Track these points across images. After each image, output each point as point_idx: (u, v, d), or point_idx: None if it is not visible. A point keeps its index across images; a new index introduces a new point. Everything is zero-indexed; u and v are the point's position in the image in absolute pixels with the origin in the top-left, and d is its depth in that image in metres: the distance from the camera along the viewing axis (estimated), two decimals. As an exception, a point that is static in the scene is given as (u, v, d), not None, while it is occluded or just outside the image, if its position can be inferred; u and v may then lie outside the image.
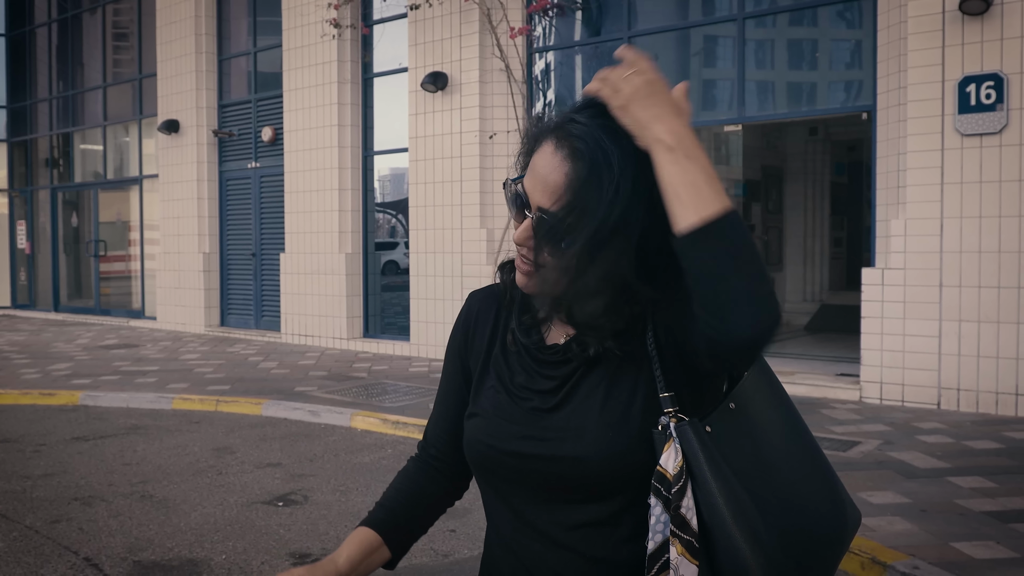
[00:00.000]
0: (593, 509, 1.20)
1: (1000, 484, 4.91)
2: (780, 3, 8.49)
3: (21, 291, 17.64)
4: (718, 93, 9.09)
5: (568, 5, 9.81)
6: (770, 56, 8.69)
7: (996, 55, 6.74)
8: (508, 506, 1.27)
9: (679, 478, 1.12)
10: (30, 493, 5.33)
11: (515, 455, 1.23)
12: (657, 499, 1.13)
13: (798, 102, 8.58)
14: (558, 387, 1.24)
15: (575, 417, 1.20)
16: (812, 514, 1.16)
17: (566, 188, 1.14)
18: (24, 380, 9.07)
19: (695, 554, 1.11)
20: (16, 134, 17.67)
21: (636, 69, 1.10)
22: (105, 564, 4.16)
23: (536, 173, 1.17)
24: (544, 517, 1.23)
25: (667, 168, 1.07)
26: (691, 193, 1.05)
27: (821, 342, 10.82)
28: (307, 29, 11.48)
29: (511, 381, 1.28)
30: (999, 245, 6.77)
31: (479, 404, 1.31)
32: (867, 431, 6.29)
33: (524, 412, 1.24)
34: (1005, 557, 3.83)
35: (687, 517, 1.11)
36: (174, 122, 13.36)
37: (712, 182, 1.06)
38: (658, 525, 1.13)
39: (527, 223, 1.18)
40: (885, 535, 4.13)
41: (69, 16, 16.60)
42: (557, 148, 1.15)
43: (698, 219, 1.04)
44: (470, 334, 1.38)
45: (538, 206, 1.16)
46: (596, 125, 1.14)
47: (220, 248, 13.27)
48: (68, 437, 6.84)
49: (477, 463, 1.30)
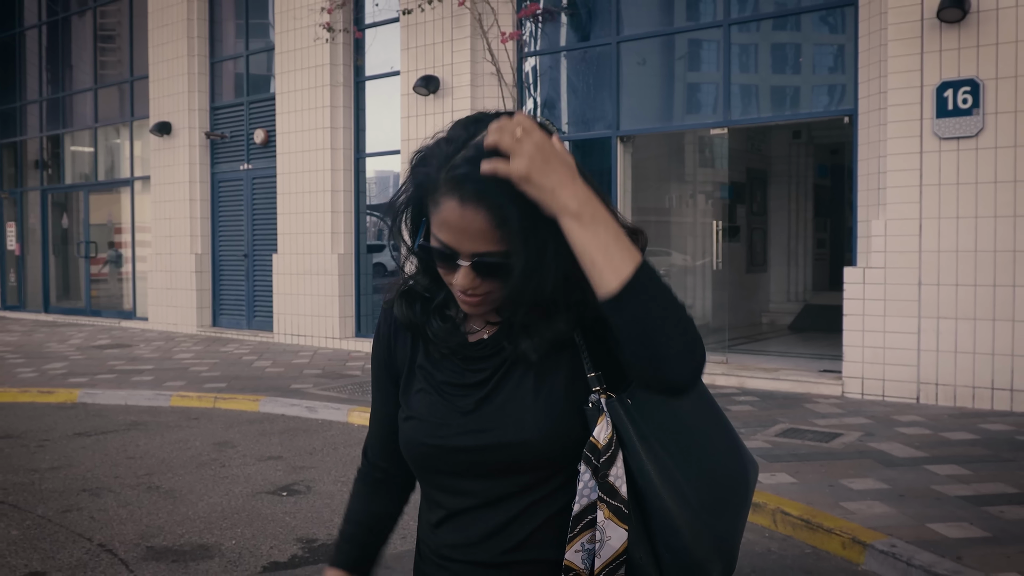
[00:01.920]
0: (536, 490, 1.26)
1: (974, 472, 5.14)
2: (764, 10, 8.73)
3: (11, 292, 17.67)
4: (703, 97, 9.31)
5: (557, 11, 10.02)
6: (755, 61, 8.93)
7: (972, 61, 6.98)
8: (453, 497, 1.31)
9: (608, 447, 1.18)
10: (39, 485, 5.48)
11: (459, 450, 1.27)
12: (587, 467, 1.19)
13: (782, 106, 8.81)
14: (488, 378, 1.28)
15: (511, 404, 1.25)
16: (722, 466, 1.26)
17: (492, 226, 1.16)
18: (21, 379, 9.18)
19: (624, 519, 1.18)
20: (5, 136, 17.72)
21: (526, 133, 1.12)
22: (119, 549, 4.32)
23: (452, 227, 1.18)
24: (488, 502, 1.28)
25: (577, 235, 1.11)
26: (605, 257, 1.10)
27: (805, 340, 11.06)
28: (300, 33, 11.64)
29: (440, 381, 1.32)
30: (975, 244, 7.02)
31: (411, 407, 1.34)
32: (848, 424, 6.52)
33: (459, 408, 1.28)
34: (977, 536, 4.05)
35: (616, 485, 1.18)
36: (166, 124, 13.47)
37: (620, 239, 1.12)
38: (585, 489, 1.19)
39: (465, 270, 1.19)
40: (865, 517, 4.35)
41: (59, 19, 16.67)
42: (463, 202, 1.16)
43: (618, 283, 1.10)
44: (392, 344, 1.40)
45: (471, 252, 1.18)
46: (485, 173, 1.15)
47: (212, 249, 13.39)
48: (70, 433, 6.98)
49: (419, 463, 1.33)
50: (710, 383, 8.37)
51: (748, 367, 8.70)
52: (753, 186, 13.35)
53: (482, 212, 1.16)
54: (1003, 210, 6.88)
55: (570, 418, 1.23)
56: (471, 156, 1.16)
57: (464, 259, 1.19)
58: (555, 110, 10.18)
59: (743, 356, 9.46)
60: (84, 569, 4.07)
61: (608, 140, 9.56)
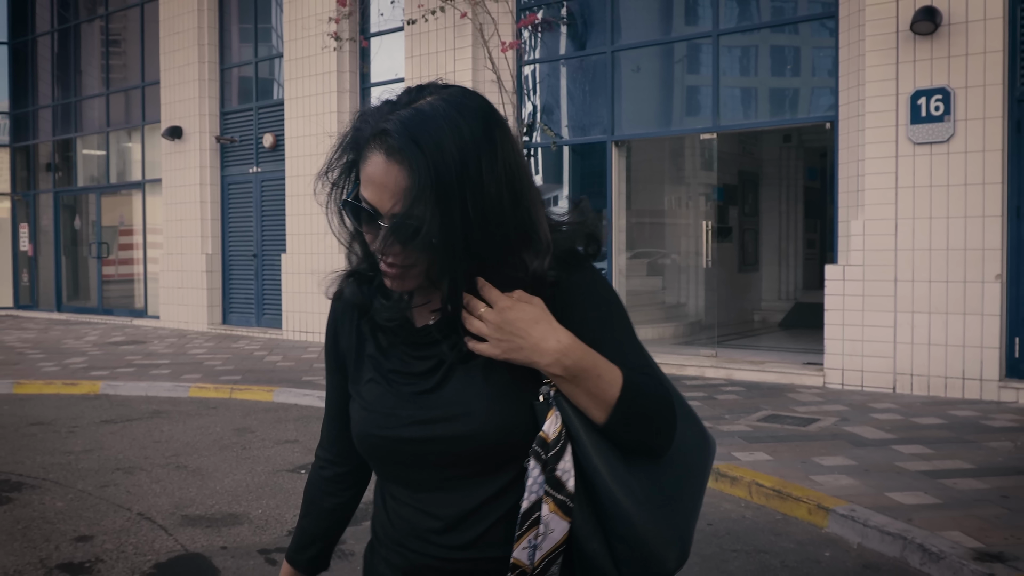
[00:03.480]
0: (487, 483, 1.24)
1: (936, 451, 5.60)
2: (752, 21, 9.20)
3: (23, 292, 18.14)
4: (695, 103, 9.77)
5: (555, 21, 10.49)
6: (743, 70, 9.40)
7: (944, 71, 7.44)
8: (406, 489, 1.30)
9: (557, 442, 1.18)
10: (75, 465, 5.93)
11: (408, 440, 1.25)
12: (536, 462, 1.18)
13: (769, 112, 9.28)
14: (435, 367, 1.26)
15: (460, 395, 1.23)
16: (679, 454, 1.28)
17: (412, 185, 1.13)
18: (44, 372, 9.64)
19: (568, 512, 1.19)
20: (19, 139, 18.20)
21: (489, 314, 1.19)
22: (157, 517, 4.78)
23: (375, 183, 1.16)
24: (439, 494, 1.26)
25: (566, 388, 1.19)
26: (589, 399, 1.19)
27: (793, 336, 11.51)
28: (307, 41, 12.10)
29: (388, 370, 1.30)
30: (947, 243, 7.47)
31: (361, 398, 1.33)
32: (827, 410, 6.97)
33: (407, 397, 1.27)
34: (929, 503, 4.51)
35: (563, 479, 1.18)
36: (178, 128, 13.95)
37: (602, 377, 1.19)
38: (534, 486, 1.19)
39: (384, 233, 1.17)
40: (831, 488, 4.80)
41: (71, 26, 17.14)
42: (388, 156, 1.14)
43: (604, 416, 1.19)
44: (338, 336, 1.41)
45: (391, 213, 1.15)
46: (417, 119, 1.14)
47: (222, 249, 13.86)
48: (97, 420, 7.44)
49: (370, 454, 1.32)
50: (699, 375, 8.83)
51: (736, 360, 9.15)
52: (745, 188, 13.82)
53: (404, 168, 1.13)
54: (972, 211, 7.34)
55: (519, 411, 1.21)
56: (406, 116, 1.15)
57: (385, 220, 1.16)
58: (553, 116, 10.65)
59: (732, 350, 9.91)
60: (127, 533, 4.53)
61: (604, 144, 10.03)
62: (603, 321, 1.26)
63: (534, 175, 9.63)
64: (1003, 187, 7.26)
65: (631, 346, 1.26)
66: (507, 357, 1.18)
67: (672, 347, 10.26)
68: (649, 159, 11.41)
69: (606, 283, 1.30)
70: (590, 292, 1.27)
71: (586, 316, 1.24)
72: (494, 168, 1.16)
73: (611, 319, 1.27)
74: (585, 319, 1.24)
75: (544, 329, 1.18)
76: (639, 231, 11.53)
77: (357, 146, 1.20)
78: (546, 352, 1.17)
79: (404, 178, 1.14)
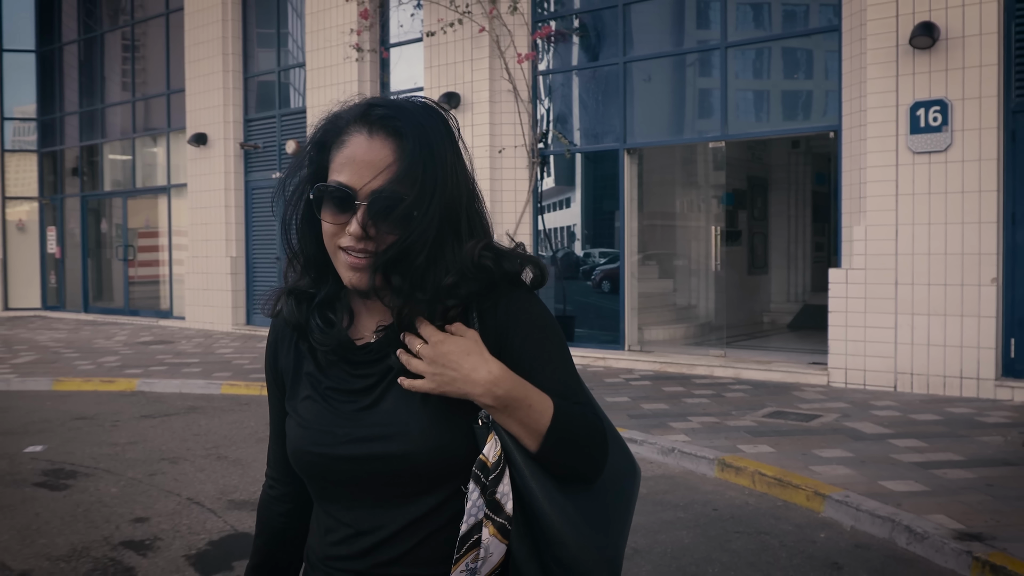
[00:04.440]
0: (420, 502, 1.25)
1: (930, 444, 5.96)
2: (760, 34, 9.57)
3: (51, 293, 18.65)
4: (704, 113, 10.13)
5: (569, 33, 10.89)
6: (750, 81, 9.76)
7: (942, 83, 7.79)
8: (337, 506, 1.31)
9: (497, 465, 1.20)
10: (122, 455, 6.36)
11: (344, 459, 1.26)
12: (476, 485, 1.20)
13: (775, 121, 9.64)
14: (374, 384, 1.28)
15: (396, 414, 1.24)
16: (608, 481, 1.31)
17: (397, 159, 1.19)
18: (81, 370, 10.08)
19: (506, 535, 1.21)
20: (46, 145, 18.71)
21: (424, 349, 1.22)
22: (205, 501, 5.19)
23: (356, 161, 1.20)
24: (373, 513, 1.27)
25: (499, 418, 1.21)
26: (521, 429, 1.21)
27: (801, 337, 11.86)
28: (329, 51, 12.53)
29: (326, 387, 1.31)
30: (945, 248, 7.82)
31: (298, 415, 1.33)
32: (829, 407, 7.33)
33: (344, 415, 1.28)
34: (918, 490, 4.88)
35: (502, 502, 1.20)
36: (203, 135, 14.41)
37: (532, 407, 1.21)
38: (473, 509, 1.20)
39: (361, 212, 1.19)
40: (828, 477, 5.17)
41: (97, 35, 17.63)
42: (372, 132, 1.20)
43: (536, 445, 1.21)
44: (277, 356, 1.42)
45: (370, 191, 1.19)
46: (399, 106, 1.23)
47: (246, 252, 14.31)
48: (137, 415, 7.87)
49: (305, 471, 1.31)
50: (709, 374, 9.20)
51: (744, 360, 9.51)
52: (754, 193, 14.17)
53: (389, 140, 1.19)
54: (969, 217, 7.68)
55: (455, 432, 1.23)
56: (389, 103, 1.23)
57: (361, 199, 1.19)
58: (567, 124, 11.03)
59: (740, 351, 10.27)
60: (179, 515, 4.94)
61: (616, 152, 10.41)
62: (540, 348, 1.28)
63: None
64: (999, 195, 7.60)
65: (566, 374, 1.29)
66: (441, 390, 1.20)
67: (682, 347, 10.63)
68: (660, 165, 11.78)
69: (546, 311, 1.32)
70: (529, 318, 1.29)
71: (524, 342, 1.27)
72: (457, 164, 1.24)
73: (548, 347, 1.29)
74: (523, 345, 1.27)
75: (475, 360, 1.20)
76: (651, 234, 11.89)
77: (329, 137, 1.25)
78: (477, 383, 1.19)
79: (389, 153, 1.19)
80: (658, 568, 4.10)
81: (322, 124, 1.26)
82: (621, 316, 10.35)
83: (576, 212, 11.44)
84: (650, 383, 8.71)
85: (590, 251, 11.37)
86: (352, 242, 1.20)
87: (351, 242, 1.20)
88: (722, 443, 6.09)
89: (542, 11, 11.08)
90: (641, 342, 10.55)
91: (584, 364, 10.06)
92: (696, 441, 6.17)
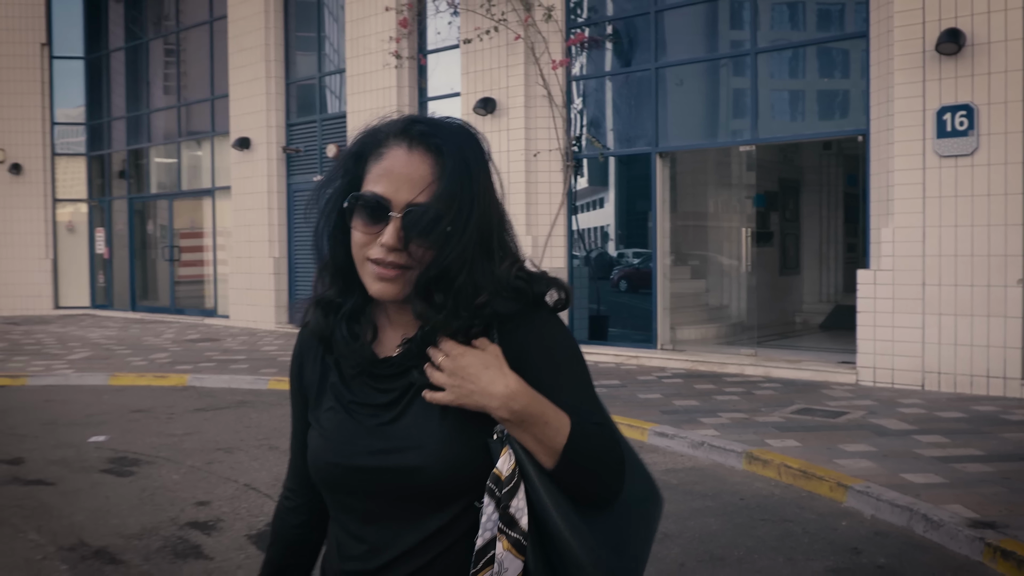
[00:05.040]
0: (438, 516, 1.25)
1: (952, 440, 6.16)
2: (789, 40, 9.78)
3: (99, 292, 19.25)
4: (734, 117, 10.36)
5: (602, 39, 11.16)
6: (780, 85, 9.98)
7: (968, 89, 7.97)
8: (354, 520, 1.31)
9: (511, 479, 1.20)
10: (180, 445, 6.75)
11: (359, 469, 1.27)
12: (490, 499, 1.20)
13: (804, 126, 9.85)
14: (397, 399, 1.29)
15: (416, 428, 1.25)
16: (626, 504, 1.30)
17: (436, 177, 1.21)
18: (134, 366, 10.54)
19: (521, 550, 1.20)
20: (94, 148, 19.32)
21: (446, 361, 1.23)
22: (261, 488, 5.55)
23: (393, 174, 1.22)
24: (388, 528, 1.28)
25: (515, 432, 1.22)
26: (537, 445, 1.21)
27: (832, 337, 12.03)
28: (369, 58, 12.91)
29: (349, 400, 1.32)
30: (972, 249, 7.99)
31: (320, 425, 1.34)
32: (856, 405, 7.54)
33: (366, 428, 1.29)
34: (937, 482, 5.11)
35: (516, 517, 1.20)
36: (246, 139, 14.87)
37: (548, 424, 1.21)
38: (488, 523, 1.20)
39: (394, 224, 1.20)
40: (852, 470, 5.41)
41: (143, 42, 18.18)
42: (411, 148, 1.22)
43: (552, 462, 1.21)
44: (302, 368, 1.42)
45: (406, 203, 1.21)
46: (440, 124, 1.25)
47: (288, 253, 14.75)
48: (191, 408, 8.27)
49: (324, 481, 1.33)
50: (739, 373, 9.43)
51: (774, 359, 9.73)
52: (786, 194, 14.34)
53: (429, 157, 1.22)
54: (995, 219, 7.85)
55: (472, 448, 1.23)
56: (429, 121, 1.26)
57: (396, 211, 1.21)
58: (600, 128, 11.30)
59: (771, 350, 10.48)
60: (239, 500, 5.30)
61: (648, 156, 10.67)
62: (560, 368, 1.29)
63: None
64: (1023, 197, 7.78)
65: (586, 395, 1.30)
66: (460, 403, 1.21)
67: (714, 347, 10.86)
68: (692, 168, 12.01)
69: (567, 331, 1.33)
70: (551, 338, 1.30)
71: (544, 361, 1.28)
72: (491, 187, 1.27)
73: (568, 367, 1.30)
74: (543, 364, 1.28)
75: (493, 374, 1.21)
76: (683, 235, 12.12)
77: (367, 148, 1.26)
78: (494, 396, 1.20)
79: (428, 169, 1.21)
80: (686, 550, 4.38)
81: (360, 136, 1.29)
82: (654, 316, 10.61)
83: (610, 213, 11.71)
84: (682, 381, 8.97)
85: (623, 251, 11.64)
86: (383, 254, 1.22)
87: (381, 253, 1.22)
88: (750, 437, 6.34)
89: (576, 18, 11.37)
90: (673, 341, 10.80)
91: (618, 362, 10.33)
92: (725, 435, 6.43)
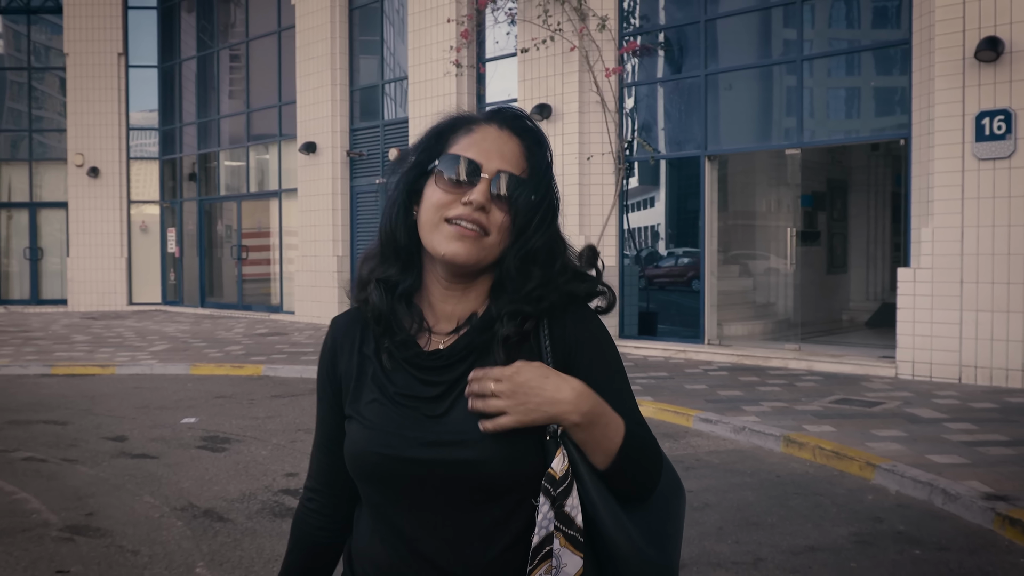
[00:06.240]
0: (487, 510, 1.25)
1: (981, 427, 6.55)
2: (834, 48, 10.17)
3: (170, 289, 20.25)
4: (781, 121, 10.77)
5: (653, 47, 11.64)
6: (825, 91, 10.36)
7: (1006, 94, 8.30)
8: (397, 515, 1.29)
9: (564, 479, 1.21)
10: (264, 426, 7.42)
11: (413, 461, 1.25)
12: (545, 498, 1.21)
13: (849, 130, 10.22)
14: (445, 392, 1.28)
15: (468, 423, 1.24)
16: (661, 499, 1.33)
17: (519, 157, 1.27)
18: (211, 357, 11.30)
19: (579, 547, 1.21)
20: (166, 152, 20.33)
21: (499, 385, 1.21)
22: (341, 462, 6.17)
23: (483, 146, 1.26)
24: (433, 519, 1.26)
25: (578, 436, 1.23)
26: (594, 447, 1.23)
27: (877, 334, 12.34)
28: (430, 66, 13.55)
29: (394, 392, 1.30)
30: (1008, 248, 8.32)
31: (363, 417, 1.30)
32: (893, 396, 7.94)
33: (414, 420, 1.27)
34: (960, 463, 5.53)
35: (572, 515, 1.21)
36: (312, 144, 15.64)
37: (608, 427, 1.24)
38: (544, 521, 1.21)
39: (484, 183, 1.23)
40: (881, 451, 5.85)
41: (213, 51, 19.09)
42: (501, 127, 1.28)
43: (606, 464, 1.24)
44: (336, 359, 1.39)
45: (499, 169, 1.25)
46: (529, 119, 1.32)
47: (351, 252, 15.48)
48: (268, 396, 8.97)
49: (369, 473, 1.29)
50: (783, 366, 9.85)
51: (817, 353, 10.12)
52: (833, 195, 14.65)
53: (516, 139, 1.28)
54: (1031, 220, 8.19)
55: (525, 443, 1.23)
56: (520, 113, 1.33)
57: (487, 173, 1.24)
58: (651, 133, 11.79)
59: (815, 345, 10.87)
60: (322, 472, 5.93)
61: (698, 159, 11.13)
62: (606, 370, 1.32)
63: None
64: (1060, 199, 8.09)
65: (628, 395, 1.33)
66: (528, 420, 1.21)
67: (760, 342, 11.28)
68: (740, 170, 12.43)
69: (609, 334, 1.36)
70: (596, 341, 1.33)
71: (593, 360, 1.31)
72: (554, 185, 1.33)
73: (614, 366, 1.34)
74: (592, 363, 1.31)
75: (556, 381, 1.22)
76: (732, 234, 12.54)
77: (453, 127, 1.31)
78: (563, 401, 1.20)
79: (518, 148, 1.28)
80: (724, 516, 4.89)
81: (445, 119, 1.33)
82: (701, 312, 11.06)
83: (660, 212, 12.18)
84: (727, 373, 9.42)
85: (673, 250, 12.10)
86: (467, 211, 1.24)
87: (466, 211, 1.24)
88: (789, 423, 6.80)
89: (628, 27, 11.87)
90: (720, 337, 11.24)
91: (666, 356, 10.81)
92: (765, 421, 6.89)
